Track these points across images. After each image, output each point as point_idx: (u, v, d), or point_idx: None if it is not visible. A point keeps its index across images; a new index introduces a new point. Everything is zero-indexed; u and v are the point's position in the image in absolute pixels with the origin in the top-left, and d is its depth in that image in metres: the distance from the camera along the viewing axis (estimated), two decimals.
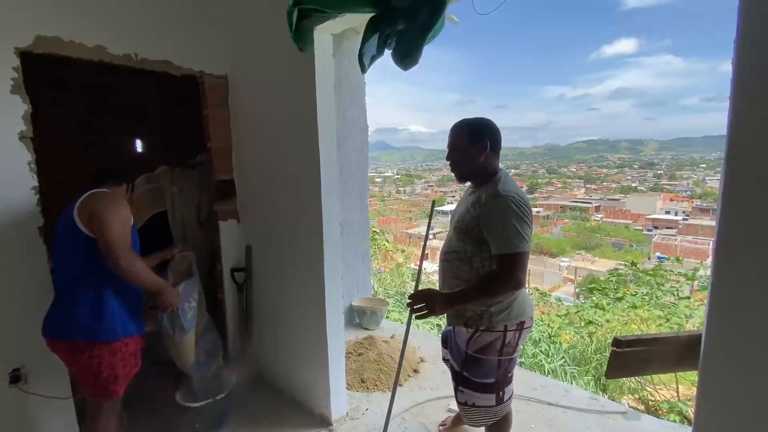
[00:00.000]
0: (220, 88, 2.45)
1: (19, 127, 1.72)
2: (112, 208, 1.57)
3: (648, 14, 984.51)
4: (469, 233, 1.50)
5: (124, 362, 1.65)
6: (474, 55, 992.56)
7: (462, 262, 1.53)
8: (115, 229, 1.54)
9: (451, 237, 1.60)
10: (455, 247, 1.56)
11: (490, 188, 1.47)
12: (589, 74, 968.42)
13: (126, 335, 1.65)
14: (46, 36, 1.76)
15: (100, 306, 1.59)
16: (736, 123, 0.88)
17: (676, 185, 72.33)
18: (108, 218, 1.54)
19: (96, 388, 1.64)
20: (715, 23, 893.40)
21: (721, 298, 0.94)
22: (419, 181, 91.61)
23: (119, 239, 1.54)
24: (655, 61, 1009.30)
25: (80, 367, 1.62)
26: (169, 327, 1.91)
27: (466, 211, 1.53)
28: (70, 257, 1.61)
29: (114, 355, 1.62)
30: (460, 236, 1.54)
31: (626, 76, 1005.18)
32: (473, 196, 1.54)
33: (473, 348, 1.56)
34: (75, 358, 1.61)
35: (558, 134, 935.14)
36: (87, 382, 1.64)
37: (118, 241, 1.53)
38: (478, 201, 1.49)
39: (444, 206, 59.47)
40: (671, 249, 28.52)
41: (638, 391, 3.31)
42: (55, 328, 1.61)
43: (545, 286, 19.37)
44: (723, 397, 0.97)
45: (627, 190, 69.64)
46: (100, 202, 1.58)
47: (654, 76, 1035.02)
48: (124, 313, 1.65)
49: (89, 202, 1.58)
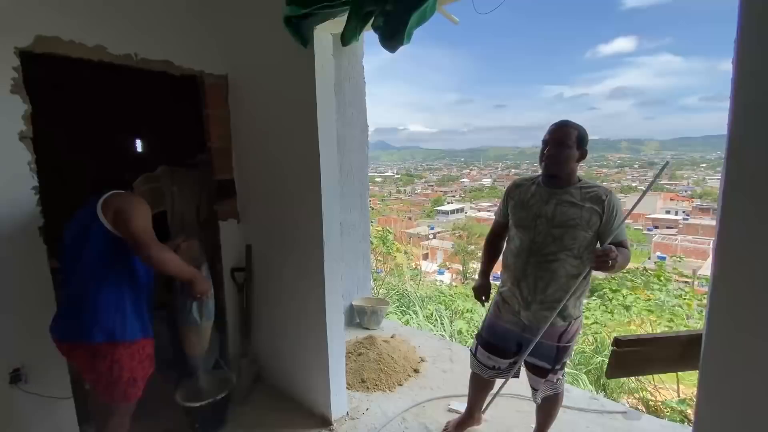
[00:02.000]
0: (220, 88, 2.45)
1: (19, 127, 1.72)
2: (136, 204, 1.60)
3: (647, 13, 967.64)
4: (584, 228, 1.57)
5: (142, 364, 1.65)
6: (473, 54, 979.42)
7: (574, 258, 1.60)
8: (141, 222, 1.56)
9: (550, 235, 1.62)
10: (567, 244, 1.60)
11: (590, 189, 1.61)
12: (589, 74, 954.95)
13: (144, 336, 1.66)
14: (46, 36, 1.76)
15: (123, 307, 1.59)
16: (737, 122, 0.88)
17: (677, 185, 72.32)
18: (134, 213, 1.56)
19: (116, 393, 1.61)
20: (714, 22, 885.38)
21: (722, 297, 0.94)
22: (419, 181, 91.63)
23: (146, 232, 1.56)
24: (655, 60, 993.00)
25: (100, 371, 1.57)
26: (198, 315, 1.97)
27: (575, 207, 1.59)
28: (90, 258, 1.57)
29: (133, 358, 1.61)
30: (571, 233, 1.58)
31: (626, 76, 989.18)
32: (567, 195, 1.62)
33: (566, 339, 1.69)
34: (95, 362, 1.57)
35: None
36: (106, 387, 1.60)
37: (146, 233, 1.56)
38: (587, 198, 1.59)
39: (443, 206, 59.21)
40: (671, 248, 28.50)
41: (639, 391, 3.31)
42: (73, 331, 1.57)
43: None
44: (723, 397, 0.97)
45: (627, 190, 69.55)
46: (123, 200, 1.60)
47: (653, 76, 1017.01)
48: (142, 314, 1.66)
49: (113, 201, 1.58)
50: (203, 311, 1.99)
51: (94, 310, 1.55)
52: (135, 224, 1.54)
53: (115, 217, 1.55)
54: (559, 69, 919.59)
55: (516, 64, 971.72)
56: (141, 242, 1.53)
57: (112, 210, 1.56)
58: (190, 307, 1.94)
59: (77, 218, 1.63)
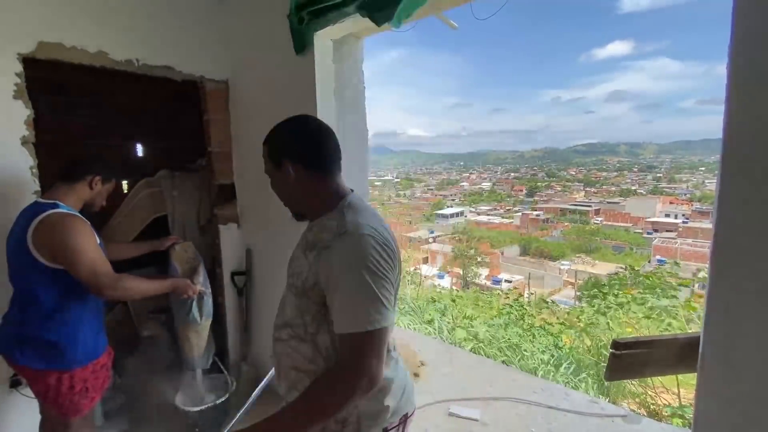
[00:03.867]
0: (221, 93, 2.47)
1: (22, 132, 1.74)
2: (75, 235, 1.38)
3: (643, 18, 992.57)
4: (307, 294, 0.95)
5: (96, 374, 1.56)
6: (471, 59, 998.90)
7: (301, 342, 0.98)
8: (90, 255, 1.39)
9: (285, 301, 1.08)
10: (290, 318, 1.01)
11: (333, 221, 0.96)
12: (587, 77, 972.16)
13: (101, 353, 1.58)
14: (48, 42, 1.78)
15: (73, 335, 1.46)
16: (732, 127, 0.89)
17: (676, 188, 72.47)
18: (78, 247, 1.36)
19: (67, 405, 1.48)
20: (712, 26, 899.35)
21: (719, 300, 0.95)
22: (419, 185, 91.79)
23: (98, 265, 1.40)
24: (652, 64, 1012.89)
25: (46, 387, 1.45)
26: (198, 313, 1.99)
27: (303, 256, 0.99)
28: (30, 285, 1.42)
29: (86, 372, 1.52)
30: (296, 300, 1.00)
31: (624, 79, 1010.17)
32: (311, 233, 1.02)
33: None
34: (41, 380, 1.45)
35: (557, 137, 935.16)
36: (54, 401, 1.47)
37: (98, 267, 1.40)
38: (316, 242, 0.96)
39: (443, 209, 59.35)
40: (671, 252, 28.52)
41: (640, 395, 3.30)
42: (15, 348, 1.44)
43: (546, 289, 19.38)
44: (721, 399, 0.97)
45: (626, 193, 69.75)
46: (59, 233, 1.37)
47: (651, 79, 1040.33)
48: (94, 334, 1.56)
49: (46, 235, 1.36)
50: (203, 310, 2.02)
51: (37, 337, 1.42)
52: (83, 261, 1.35)
53: (55, 254, 1.36)
54: (556, 73, 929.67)
55: (513, 67, 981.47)
56: (95, 280, 1.37)
57: (48, 246, 1.36)
58: (190, 307, 1.97)
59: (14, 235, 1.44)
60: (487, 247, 31.10)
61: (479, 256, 24.65)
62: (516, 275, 25.42)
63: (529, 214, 54.41)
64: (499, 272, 26.92)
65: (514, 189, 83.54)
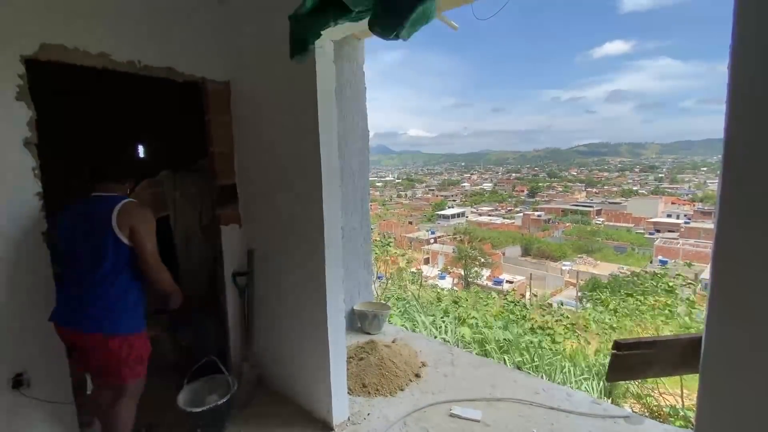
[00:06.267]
0: (222, 94, 2.47)
1: (24, 133, 1.74)
2: (150, 223, 1.73)
3: (645, 17, 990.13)
4: None
5: (146, 344, 1.82)
6: (471, 59, 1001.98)
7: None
8: (155, 240, 1.72)
9: None
10: None
11: None
12: (588, 77, 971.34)
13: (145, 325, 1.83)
14: (50, 44, 1.79)
15: (135, 304, 1.75)
16: (733, 126, 0.89)
17: (678, 188, 72.26)
18: (148, 233, 1.70)
19: (125, 371, 1.73)
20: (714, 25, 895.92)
21: (721, 300, 0.95)
22: (420, 185, 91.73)
23: (155, 253, 1.73)
24: (653, 63, 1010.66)
25: (110, 353, 1.68)
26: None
27: None
28: (108, 261, 1.67)
29: (140, 341, 1.79)
30: None
31: (625, 79, 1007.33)
32: None
33: None
34: (107, 346, 1.67)
35: (559, 137, 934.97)
36: (117, 368, 1.71)
37: (155, 255, 1.72)
38: None
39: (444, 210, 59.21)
40: (673, 252, 28.42)
41: (643, 397, 3.29)
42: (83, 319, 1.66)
43: (547, 289, 19.31)
44: (724, 400, 0.97)
45: (628, 194, 69.53)
46: (140, 217, 1.71)
47: (653, 79, 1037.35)
48: (143, 308, 1.81)
49: (130, 216, 1.68)
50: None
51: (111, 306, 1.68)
52: (149, 246, 1.69)
53: (132, 235, 1.67)
54: (557, 73, 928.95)
55: (514, 68, 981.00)
56: (151, 263, 1.71)
57: (129, 226, 1.67)
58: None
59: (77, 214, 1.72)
60: (489, 247, 31.03)
61: (481, 256, 24.62)
62: (517, 276, 25.37)
63: (531, 214, 54.32)
64: (501, 273, 26.85)
65: (515, 189, 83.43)
